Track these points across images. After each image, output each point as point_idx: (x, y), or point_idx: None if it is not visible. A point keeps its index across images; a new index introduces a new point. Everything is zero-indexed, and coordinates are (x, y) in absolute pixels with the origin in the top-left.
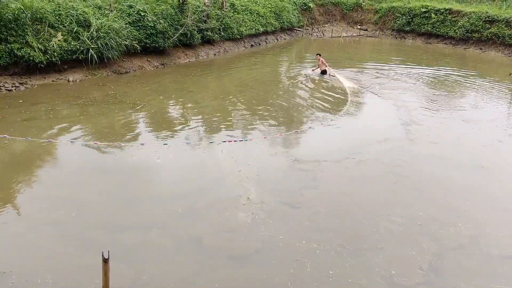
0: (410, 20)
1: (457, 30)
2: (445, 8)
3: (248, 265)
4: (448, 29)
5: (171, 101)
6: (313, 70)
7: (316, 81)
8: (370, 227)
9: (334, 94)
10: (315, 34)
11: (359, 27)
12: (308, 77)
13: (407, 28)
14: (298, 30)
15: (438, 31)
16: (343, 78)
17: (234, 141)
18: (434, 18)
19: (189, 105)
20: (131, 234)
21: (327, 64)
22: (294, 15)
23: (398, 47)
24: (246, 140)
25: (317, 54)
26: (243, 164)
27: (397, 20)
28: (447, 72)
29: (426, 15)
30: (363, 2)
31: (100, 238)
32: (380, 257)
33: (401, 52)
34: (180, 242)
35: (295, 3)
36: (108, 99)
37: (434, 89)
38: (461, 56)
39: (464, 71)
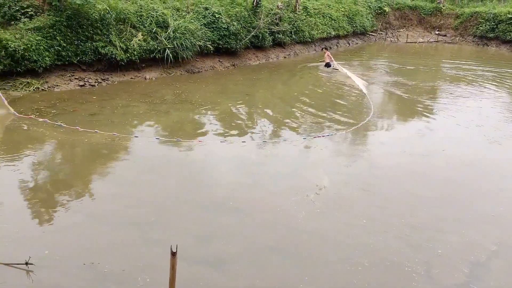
0: (495, 26)
1: None
2: None
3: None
4: None
5: (241, 101)
6: (320, 61)
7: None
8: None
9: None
10: (389, 39)
11: (437, 32)
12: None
13: (491, 35)
14: (371, 35)
15: None
16: (352, 74)
17: (323, 136)
18: None
19: (259, 106)
20: (217, 241)
21: (332, 58)
22: (368, 19)
23: (480, 54)
24: (332, 134)
25: (324, 48)
26: (329, 158)
27: (480, 26)
28: None
29: None
30: (443, 6)
31: (187, 246)
32: (435, 238)
33: (483, 60)
34: (271, 244)
35: (370, 7)
36: (178, 98)
37: None
38: None
39: None
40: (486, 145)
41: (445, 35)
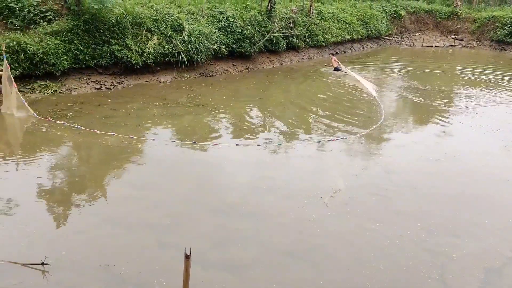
0: None
1: None
2: None
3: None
4: None
5: (255, 105)
6: (325, 65)
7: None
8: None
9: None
10: (404, 43)
11: (453, 36)
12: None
13: (509, 39)
14: (386, 39)
15: None
16: (361, 77)
17: (337, 139)
18: None
19: (272, 109)
20: (232, 245)
21: (340, 62)
22: (383, 23)
23: (497, 59)
24: (346, 138)
25: (330, 54)
26: (343, 161)
27: (498, 31)
28: None
29: None
30: (460, 10)
31: (202, 250)
32: (451, 242)
33: (500, 64)
34: (285, 248)
35: (385, 11)
36: (192, 101)
37: None
38: None
39: None
40: (504, 151)
41: (461, 39)
